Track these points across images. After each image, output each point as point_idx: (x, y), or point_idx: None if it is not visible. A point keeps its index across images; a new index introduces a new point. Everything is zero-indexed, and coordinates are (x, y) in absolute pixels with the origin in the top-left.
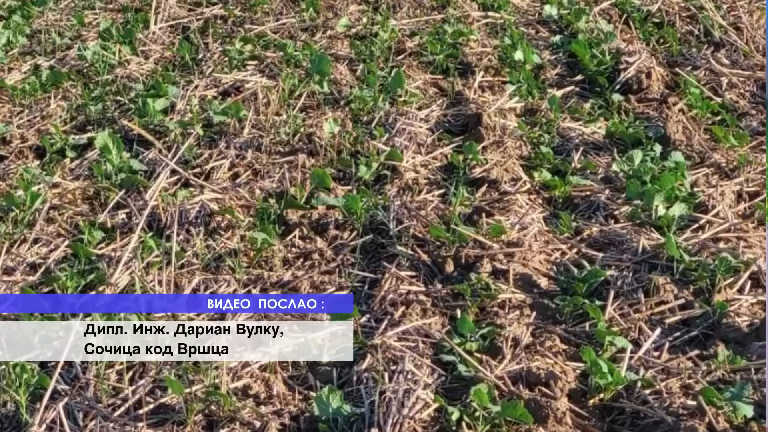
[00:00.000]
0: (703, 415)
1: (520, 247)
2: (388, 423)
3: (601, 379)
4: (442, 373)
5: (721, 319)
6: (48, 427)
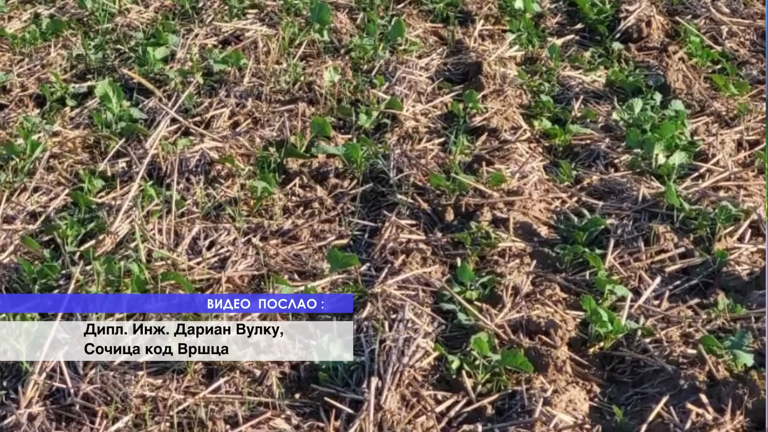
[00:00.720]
0: (703, 364)
1: (520, 195)
2: (388, 372)
3: (601, 327)
4: (442, 321)
5: (721, 267)
6: (48, 375)
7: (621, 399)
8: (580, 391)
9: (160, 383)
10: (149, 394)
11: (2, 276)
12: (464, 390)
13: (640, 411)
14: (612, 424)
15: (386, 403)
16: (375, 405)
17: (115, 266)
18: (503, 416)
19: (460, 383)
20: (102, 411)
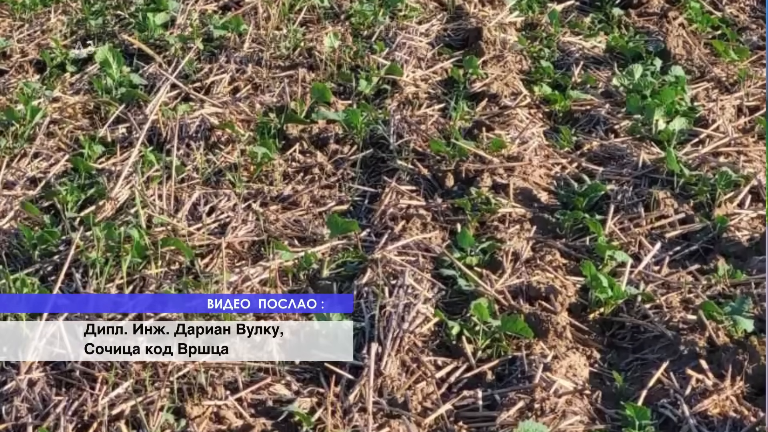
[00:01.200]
0: (703, 330)
1: (520, 161)
2: (389, 337)
3: (602, 293)
4: (443, 287)
5: (722, 233)
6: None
7: (621, 365)
8: (580, 356)
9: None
10: (149, 360)
11: (2, 242)
12: (464, 356)
13: (640, 377)
14: (612, 390)
15: (386, 368)
16: (375, 371)
17: (115, 232)
18: (503, 382)
19: (460, 349)
20: (102, 377)
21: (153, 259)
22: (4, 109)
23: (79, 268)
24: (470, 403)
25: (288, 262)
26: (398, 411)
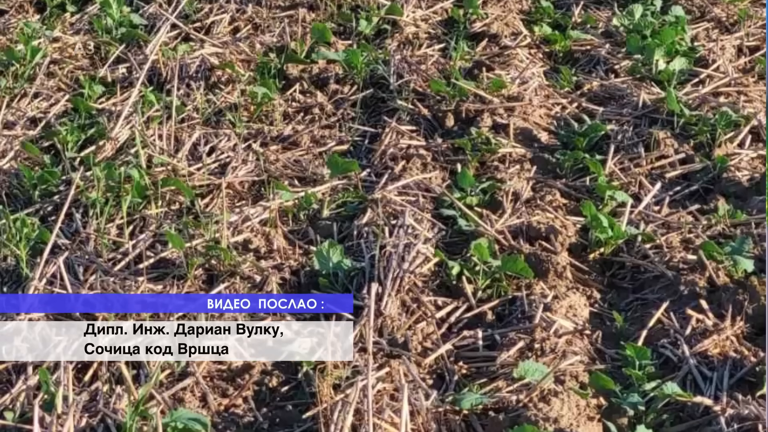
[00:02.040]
0: (703, 270)
1: (520, 101)
2: (389, 277)
3: (602, 233)
4: (443, 227)
5: (722, 173)
6: (48, 281)
7: (621, 305)
8: (580, 296)
9: (160, 289)
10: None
11: (2, 182)
12: (464, 296)
13: (641, 317)
14: (612, 330)
15: (386, 308)
16: (375, 311)
17: (115, 172)
18: (503, 322)
19: (460, 289)
20: (102, 317)
21: (153, 199)
22: (5, 49)
23: (79, 208)
24: (470, 343)
25: (288, 202)
26: (398, 351)
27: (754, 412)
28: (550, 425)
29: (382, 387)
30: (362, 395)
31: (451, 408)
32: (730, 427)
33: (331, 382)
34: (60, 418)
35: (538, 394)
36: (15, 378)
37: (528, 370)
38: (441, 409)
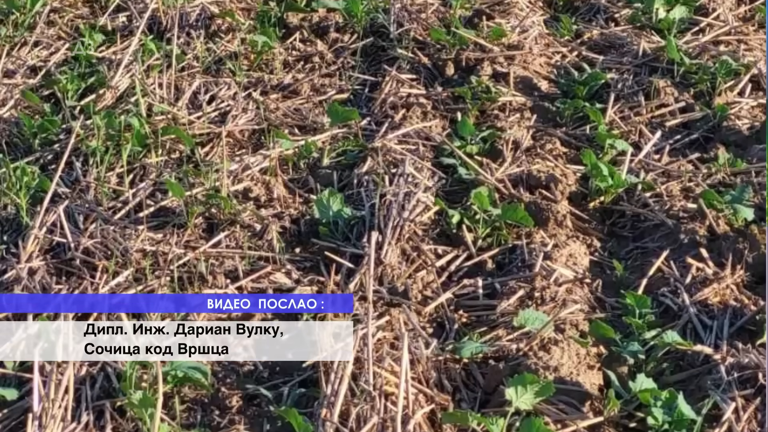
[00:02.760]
0: (703, 218)
1: (520, 50)
2: (389, 226)
3: (602, 182)
4: (443, 176)
5: (722, 122)
6: (48, 230)
7: (621, 253)
8: (580, 245)
9: (160, 238)
10: (149, 249)
11: (2, 130)
12: (464, 244)
13: (641, 265)
14: (612, 278)
15: (386, 257)
16: (375, 259)
17: (115, 120)
18: (503, 270)
19: (461, 237)
20: (102, 265)
21: (153, 148)
22: None
23: (79, 156)
24: (470, 291)
25: (288, 150)
26: (398, 299)
27: (754, 361)
28: (550, 374)
29: (382, 336)
30: (362, 343)
31: (451, 356)
32: (730, 376)
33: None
34: (60, 367)
35: (538, 342)
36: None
37: (528, 319)
38: (441, 357)
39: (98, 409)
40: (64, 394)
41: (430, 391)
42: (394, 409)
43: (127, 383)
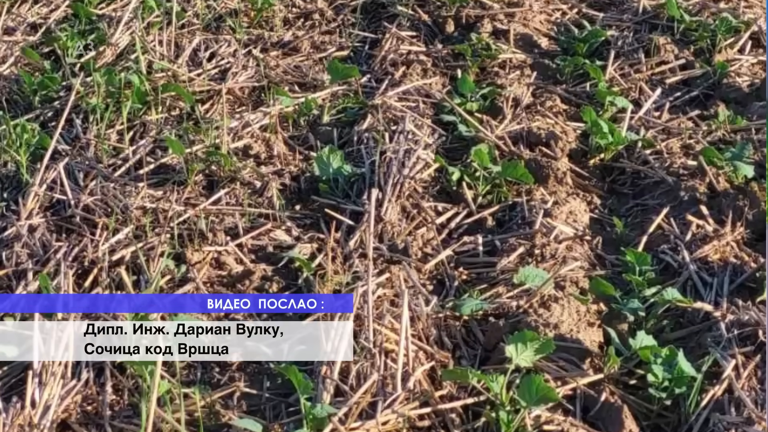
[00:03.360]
0: (703, 175)
1: (520, 7)
2: (389, 183)
3: (602, 139)
4: (443, 133)
5: (722, 79)
6: (48, 186)
7: (621, 210)
8: (580, 202)
9: (160, 195)
10: (149, 206)
11: (3, 87)
12: (464, 201)
13: (641, 222)
14: (612, 236)
15: (386, 214)
16: (375, 216)
17: (115, 78)
18: (503, 227)
19: (461, 195)
20: (102, 222)
21: (153, 105)
22: None
23: (79, 113)
24: (470, 248)
25: (288, 107)
26: (398, 257)
27: (754, 318)
28: (550, 331)
29: (382, 293)
30: (362, 301)
31: (451, 314)
32: (730, 333)
33: (332, 287)
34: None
35: (538, 299)
36: (15, 283)
37: (528, 276)
38: (441, 314)
39: (98, 366)
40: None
41: (430, 348)
42: (394, 366)
43: None
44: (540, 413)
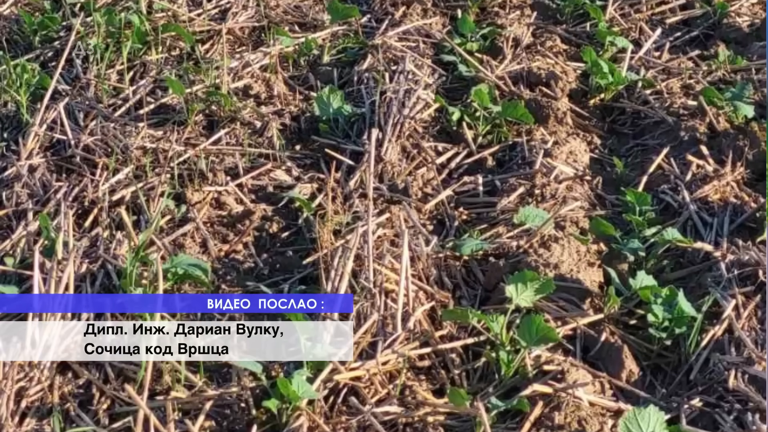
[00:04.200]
0: (703, 116)
1: None
2: (389, 123)
3: (602, 79)
4: (443, 73)
5: (722, 19)
6: (49, 126)
7: (621, 150)
8: (580, 142)
9: (160, 135)
10: (150, 146)
11: (3, 27)
12: (464, 141)
13: (641, 162)
14: (612, 176)
15: (387, 154)
16: (375, 156)
17: (115, 18)
18: (504, 167)
19: (461, 135)
20: (102, 162)
21: (153, 45)
22: None
23: (79, 54)
24: (470, 188)
25: (288, 47)
26: (399, 197)
27: (754, 258)
28: (551, 271)
29: (382, 233)
30: (362, 241)
31: (451, 254)
32: (730, 273)
33: (332, 227)
34: (60, 264)
35: (538, 239)
36: (15, 224)
37: (528, 216)
38: (441, 254)
39: None
40: (65, 291)
41: (431, 288)
42: (394, 306)
43: (127, 280)
44: (540, 353)
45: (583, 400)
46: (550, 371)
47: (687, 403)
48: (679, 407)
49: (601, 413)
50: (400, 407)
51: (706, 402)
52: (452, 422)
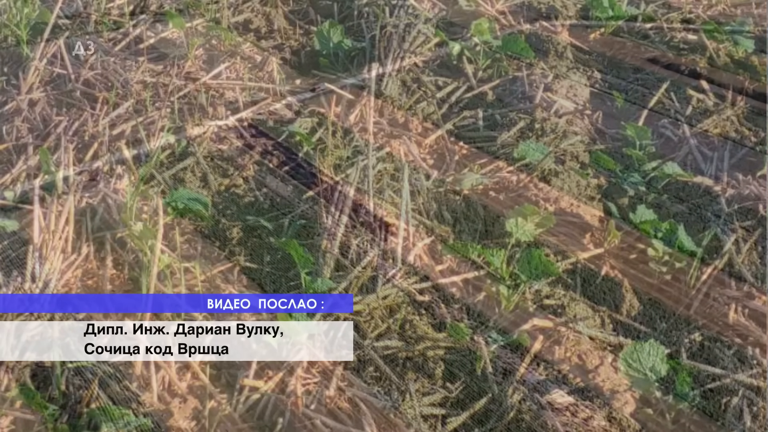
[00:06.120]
0: (704, 50)
1: None
2: (389, 57)
3: (602, 13)
4: (443, 7)
5: None
6: (49, 61)
7: (621, 85)
8: (580, 76)
9: (160, 69)
10: (150, 80)
11: None
12: (465, 76)
13: (641, 96)
14: (612, 110)
15: (387, 88)
16: (375, 90)
17: None
18: (504, 102)
19: (461, 69)
20: (103, 96)
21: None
22: None
23: None
24: (471, 123)
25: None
26: (399, 131)
27: (754, 192)
28: (551, 205)
29: (382, 167)
30: (363, 175)
31: (451, 188)
32: (730, 207)
33: (332, 162)
34: (60, 198)
35: (538, 174)
36: (15, 158)
37: (528, 150)
38: (441, 189)
39: (98, 240)
40: (65, 225)
41: (431, 223)
42: (394, 241)
43: (127, 215)
44: (540, 287)
45: (583, 334)
46: (550, 305)
47: (687, 337)
48: (679, 341)
49: (601, 347)
50: (400, 341)
51: (706, 336)
52: (452, 356)
